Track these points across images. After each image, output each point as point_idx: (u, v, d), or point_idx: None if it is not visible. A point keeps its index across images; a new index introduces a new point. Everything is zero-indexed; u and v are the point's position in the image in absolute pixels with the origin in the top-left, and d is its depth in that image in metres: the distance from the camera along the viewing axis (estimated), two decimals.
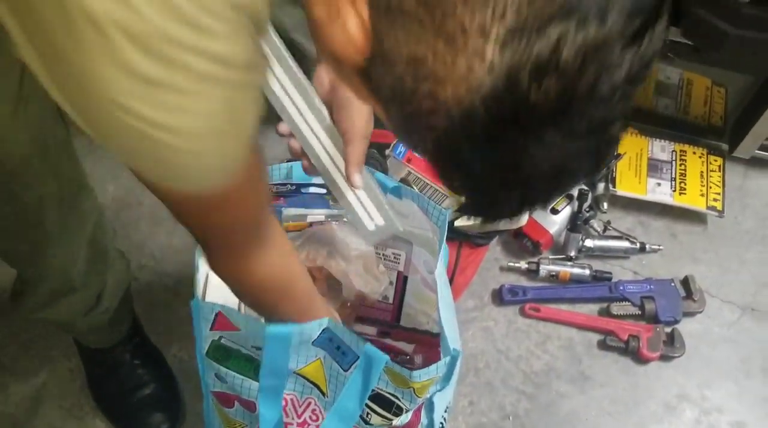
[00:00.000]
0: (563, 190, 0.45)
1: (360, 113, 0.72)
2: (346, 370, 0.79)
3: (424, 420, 0.86)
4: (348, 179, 0.74)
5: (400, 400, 0.81)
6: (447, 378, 0.80)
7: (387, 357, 0.76)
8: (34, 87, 0.68)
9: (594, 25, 0.36)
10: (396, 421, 0.82)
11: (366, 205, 0.79)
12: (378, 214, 0.79)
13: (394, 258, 1.07)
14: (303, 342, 0.77)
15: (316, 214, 1.02)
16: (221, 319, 0.83)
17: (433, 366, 0.77)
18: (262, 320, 0.80)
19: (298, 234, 1.01)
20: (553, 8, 0.35)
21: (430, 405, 0.84)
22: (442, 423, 0.90)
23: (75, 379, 1.18)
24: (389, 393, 0.80)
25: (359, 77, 0.45)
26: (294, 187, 0.99)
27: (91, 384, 1.16)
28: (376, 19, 0.41)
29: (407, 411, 0.82)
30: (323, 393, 0.83)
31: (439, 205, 0.89)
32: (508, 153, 0.41)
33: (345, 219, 1.01)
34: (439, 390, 0.82)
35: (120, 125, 0.40)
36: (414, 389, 0.78)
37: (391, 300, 1.10)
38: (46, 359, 1.20)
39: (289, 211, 1.02)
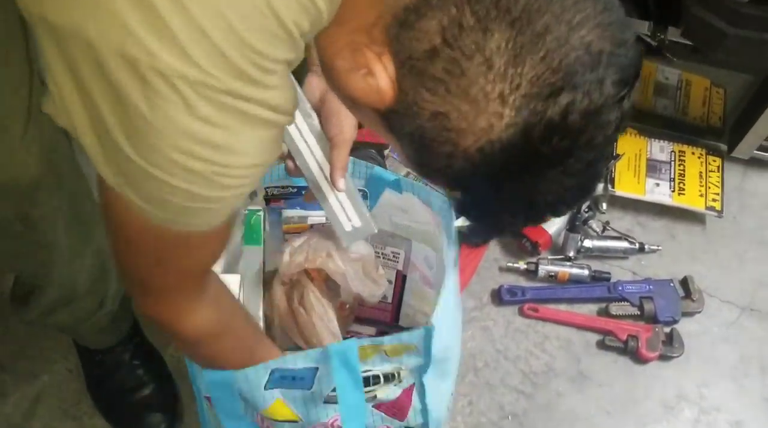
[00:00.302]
0: (559, 215, 0.54)
1: (348, 121, 0.76)
2: (310, 388, 0.79)
3: (417, 404, 0.85)
4: (333, 182, 0.77)
5: (373, 368, 0.80)
6: (427, 353, 0.79)
7: (355, 341, 0.76)
8: (41, 101, 0.69)
9: (595, 95, 0.44)
10: (378, 392, 0.82)
11: (345, 206, 0.83)
12: (356, 216, 0.83)
13: (393, 256, 1.06)
14: (254, 389, 0.77)
15: (317, 216, 1.02)
16: None
17: (404, 334, 0.78)
18: None
19: (297, 235, 1.01)
20: (561, 81, 0.44)
21: (420, 388, 0.83)
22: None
23: (73, 379, 1.18)
24: (363, 371, 0.79)
25: (378, 117, 0.50)
26: (295, 190, 0.99)
27: (89, 385, 1.15)
28: (402, 77, 0.46)
29: (386, 380, 0.81)
30: (296, 421, 0.82)
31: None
32: (517, 188, 0.48)
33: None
34: (425, 369, 0.81)
35: (173, 165, 0.46)
36: (385, 351, 0.78)
37: (389, 300, 1.10)
38: (44, 359, 1.19)
39: (290, 213, 1.02)
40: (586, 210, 1.31)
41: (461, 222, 1.21)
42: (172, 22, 0.41)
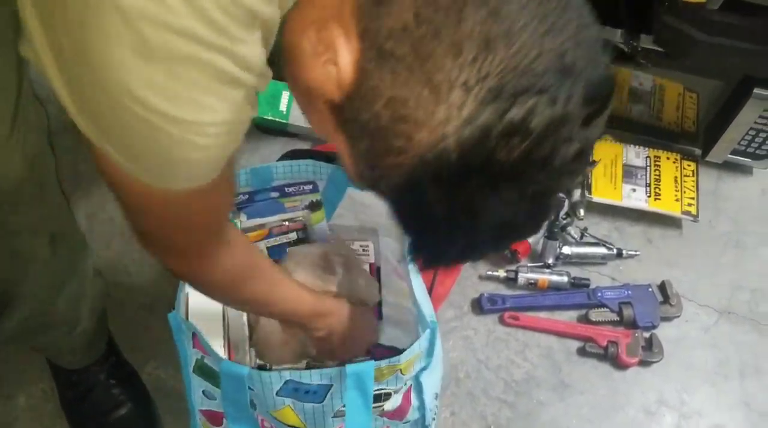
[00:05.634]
0: (500, 249, 0.52)
1: None
2: (321, 402, 0.78)
3: (414, 402, 0.86)
4: None
5: (386, 387, 0.81)
6: (430, 353, 0.81)
7: (373, 362, 0.77)
8: (28, 111, 0.68)
9: (561, 104, 0.42)
10: (386, 405, 0.83)
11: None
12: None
13: (363, 250, 1.06)
14: (266, 391, 0.77)
15: (274, 221, 1.02)
16: (197, 341, 0.82)
17: (415, 344, 0.78)
18: (222, 353, 0.81)
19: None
20: (530, 82, 0.41)
21: (418, 386, 0.85)
22: (434, 414, 0.90)
23: (48, 400, 1.15)
24: (377, 389, 0.81)
25: (330, 111, 0.47)
26: (246, 196, 0.98)
27: (65, 406, 1.13)
28: (365, 59, 0.44)
29: (396, 393, 0.83)
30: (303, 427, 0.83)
31: None
32: (467, 198, 0.45)
33: (300, 219, 1.03)
34: (425, 368, 0.83)
35: (131, 118, 0.42)
36: (400, 369, 0.79)
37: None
38: (18, 380, 1.17)
39: (247, 223, 1.01)
40: (564, 216, 1.31)
41: None
42: None
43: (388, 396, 0.83)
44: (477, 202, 0.45)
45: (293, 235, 1.08)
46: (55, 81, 0.44)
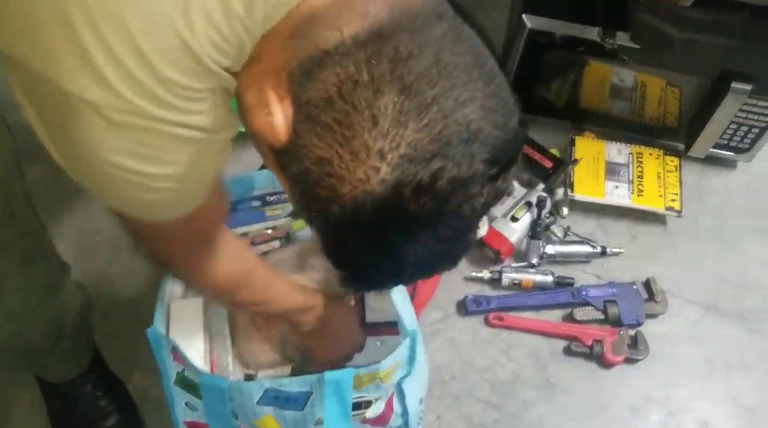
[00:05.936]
0: (428, 276, 0.57)
1: None
2: (302, 409, 0.79)
3: (397, 408, 0.87)
4: None
5: (366, 395, 0.82)
6: (411, 361, 0.82)
7: (351, 370, 0.78)
8: None
9: (465, 167, 0.48)
10: (368, 413, 0.84)
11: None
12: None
13: None
14: (246, 401, 0.78)
15: (256, 229, 1.03)
16: (176, 354, 0.83)
17: (396, 352, 0.79)
18: (202, 366, 0.82)
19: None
20: (437, 149, 0.47)
21: (400, 393, 0.86)
22: (420, 419, 0.90)
23: (36, 413, 1.16)
24: (357, 397, 0.81)
25: (273, 155, 0.53)
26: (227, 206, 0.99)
27: (52, 417, 1.14)
28: (298, 121, 0.50)
29: (377, 400, 0.84)
30: None
31: None
32: (386, 245, 0.51)
33: (283, 227, 1.04)
34: (406, 376, 0.83)
35: (109, 176, 0.52)
36: (380, 377, 0.80)
37: (353, 303, 1.09)
38: (5, 392, 1.18)
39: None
40: (547, 215, 1.31)
41: None
42: (99, 61, 0.46)
43: (368, 404, 0.83)
44: (395, 247, 0.51)
45: (276, 243, 1.09)
46: (48, 145, 0.53)
